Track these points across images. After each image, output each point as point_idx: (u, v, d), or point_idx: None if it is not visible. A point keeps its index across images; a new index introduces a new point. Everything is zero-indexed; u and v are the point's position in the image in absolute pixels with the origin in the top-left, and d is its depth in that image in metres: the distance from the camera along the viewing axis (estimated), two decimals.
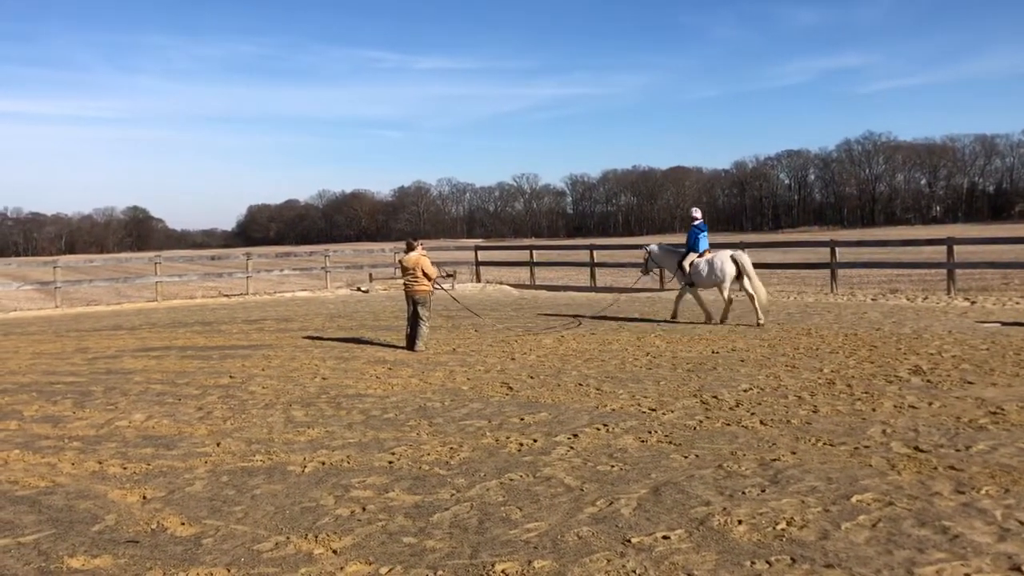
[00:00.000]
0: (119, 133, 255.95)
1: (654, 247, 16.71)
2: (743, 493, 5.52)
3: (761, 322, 14.31)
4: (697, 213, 15.98)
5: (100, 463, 6.87)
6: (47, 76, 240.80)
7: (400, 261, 13.56)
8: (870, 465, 6.04)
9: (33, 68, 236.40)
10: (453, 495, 5.71)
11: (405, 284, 13.21)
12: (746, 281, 14.58)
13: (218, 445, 7.34)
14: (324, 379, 10.50)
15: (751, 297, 14.59)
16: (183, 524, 5.31)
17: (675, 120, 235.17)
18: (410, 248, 13.36)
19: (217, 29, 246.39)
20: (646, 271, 16.65)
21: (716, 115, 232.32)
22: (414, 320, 12.90)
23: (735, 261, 14.75)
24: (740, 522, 4.97)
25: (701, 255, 15.35)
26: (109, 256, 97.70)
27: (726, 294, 14.85)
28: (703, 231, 15.62)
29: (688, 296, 15.72)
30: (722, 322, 14.89)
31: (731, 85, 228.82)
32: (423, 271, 13.03)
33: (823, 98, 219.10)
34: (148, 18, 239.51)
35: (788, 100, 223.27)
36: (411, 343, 12.83)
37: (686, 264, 15.36)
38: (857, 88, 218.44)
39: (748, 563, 4.38)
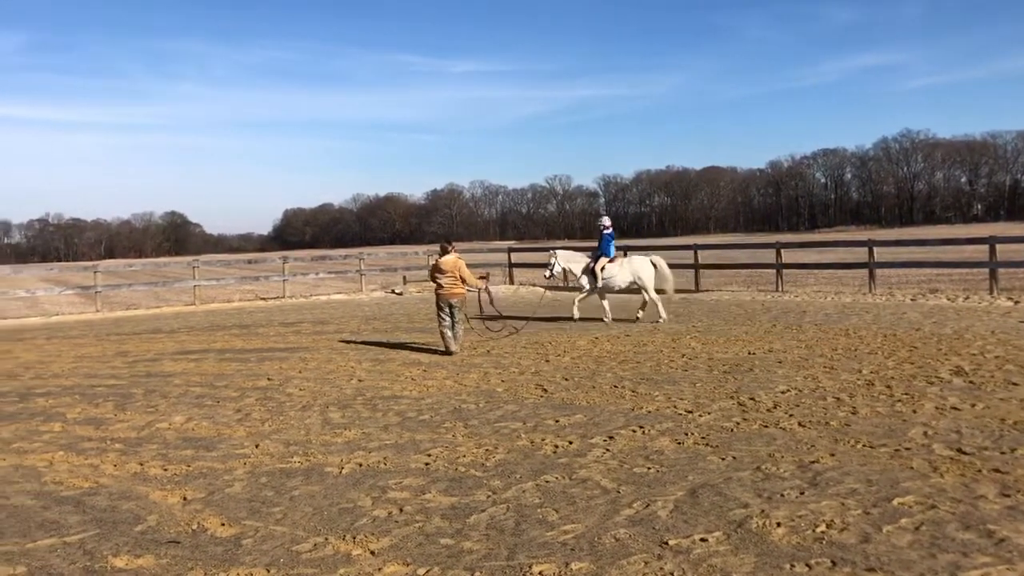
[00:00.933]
0: (158, 139, 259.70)
1: (561, 251, 17.00)
2: (782, 495, 5.46)
3: (663, 318, 15.76)
4: (607, 221, 16.75)
5: (141, 464, 6.98)
6: (88, 84, 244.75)
7: (436, 264, 13.12)
8: (911, 467, 5.96)
9: (75, 77, 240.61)
10: (489, 497, 5.72)
11: (441, 287, 12.86)
12: (656, 282, 16.19)
13: (257, 447, 7.42)
14: (360, 381, 10.57)
15: (651, 301, 16.05)
16: (223, 525, 5.38)
17: (709, 120, 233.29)
18: (445, 251, 13.16)
19: (254, 35, 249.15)
20: (551, 275, 16.63)
21: (750, 114, 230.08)
22: (451, 323, 12.80)
23: (653, 265, 16.26)
24: (779, 524, 4.93)
25: (611, 260, 16.33)
26: (148, 260, 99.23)
27: (652, 295, 16.06)
28: (612, 238, 16.60)
29: (591, 297, 16.69)
30: (636, 320, 16.03)
31: (766, 84, 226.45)
32: (461, 274, 12.95)
33: (859, 96, 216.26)
34: (188, 25, 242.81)
35: (824, 99, 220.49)
36: (449, 347, 12.64)
37: (598, 269, 16.16)
38: (894, 85, 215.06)
39: (788, 566, 4.34)
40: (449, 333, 12.74)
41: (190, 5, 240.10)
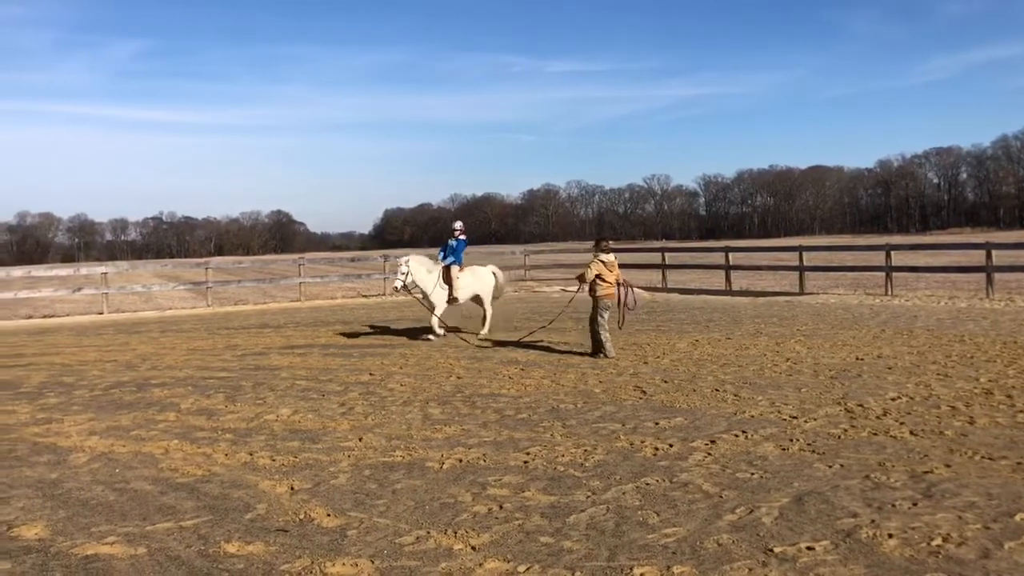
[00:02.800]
0: (265, 141, 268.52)
1: (415, 258, 15.03)
2: (893, 506, 5.27)
3: (485, 332, 15.18)
4: (459, 225, 15.72)
5: (251, 455, 7.22)
6: (199, 88, 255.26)
7: (608, 263, 12.34)
8: None
9: (187, 81, 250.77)
10: (589, 497, 5.70)
11: (610, 285, 12.23)
12: (494, 293, 15.68)
13: (360, 440, 7.58)
14: (459, 378, 10.69)
15: (488, 313, 15.54)
16: (329, 515, 5.52)
17: (814, 118, 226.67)
18: (608, 249, 12.50)
19: (359, 39, 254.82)
20: (402, 285, 14.51)
21: (858, 112, 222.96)
22: (600, 324, 12.10)
23: (495, 275, 15.72)
24: (891, 536, 4.75)
25: (461, 269, 15.28)
26: (256, 258, 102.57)
27: (488, 307, 15.54)
28: (465, 244, 15.60)
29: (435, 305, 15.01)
30: (484, 333, 15.15)
31: (875, 81, 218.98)
32: (616, 273, 12.45)
33: (976, 92, 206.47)
34: (294, 30, 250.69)
35: (937, 95, 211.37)
36: (602, 349, 12.04)
37: (453, 277, 15.01)
38: (1016, 80, 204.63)
39: None
40: (607, 335, 12.11)
41: (297, 10, 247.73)
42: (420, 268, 14.75)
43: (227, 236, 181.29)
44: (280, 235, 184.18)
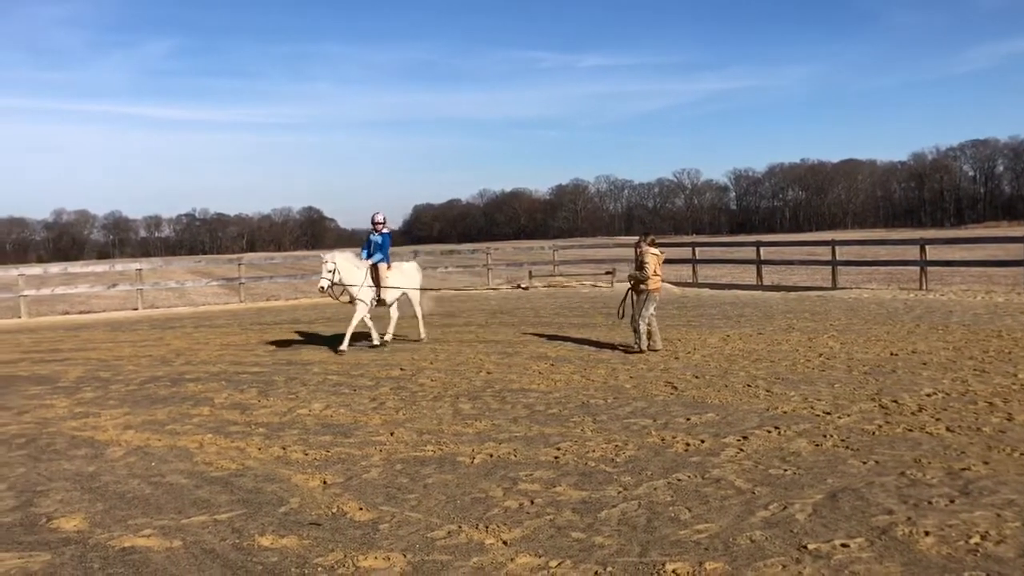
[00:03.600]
0: (295, 138, 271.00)
1: (341, 256, 13.55)
2: (929, 503, 5.20)
3: (386, 338, 14.22)
4: (380, 217, 14.10)
5: (284, 449, 7.28)
6: (230, 86, 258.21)
7: (660, 256, 12.38)
8: None
9: (218, 79, 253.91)
10: (620, 492, 5.68)
11: (654, 280, 12.10)
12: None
13: (391, 435, 7.62)
14: (489, 373, 10.70)
15: (407, 314, 14.73)
16: (361, 509, 5.55)
17: (847, 111, 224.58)
18: (655, 243, 12.51)
19: (386, 37, 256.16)
20: (330, 286, 13.08)
21: (892, 105, 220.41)
22: (643, 317, 12.03)
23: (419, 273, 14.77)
24: (927, 533, 4.69)
25: (389, 267, 14.06)
26: (287, 254, 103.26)
27: (395, 311, 14.49)
28: (390, 239, 14.33)
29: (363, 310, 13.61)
30: (389, 340, 14.23)
31: (909, 73, 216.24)
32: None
33: (1014, 82, 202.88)
34: (323, 28, 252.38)
35: (973, 87, 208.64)
36: (637, 341, 11.99)
37: (383, 276, 13.81)
38: None
39: None
40: (645, 328, 11.99)
41: (322, 8, 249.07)
42: (349, 267, 13.37)
43: (259, 233, 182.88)
44: (311, 231, 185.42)
